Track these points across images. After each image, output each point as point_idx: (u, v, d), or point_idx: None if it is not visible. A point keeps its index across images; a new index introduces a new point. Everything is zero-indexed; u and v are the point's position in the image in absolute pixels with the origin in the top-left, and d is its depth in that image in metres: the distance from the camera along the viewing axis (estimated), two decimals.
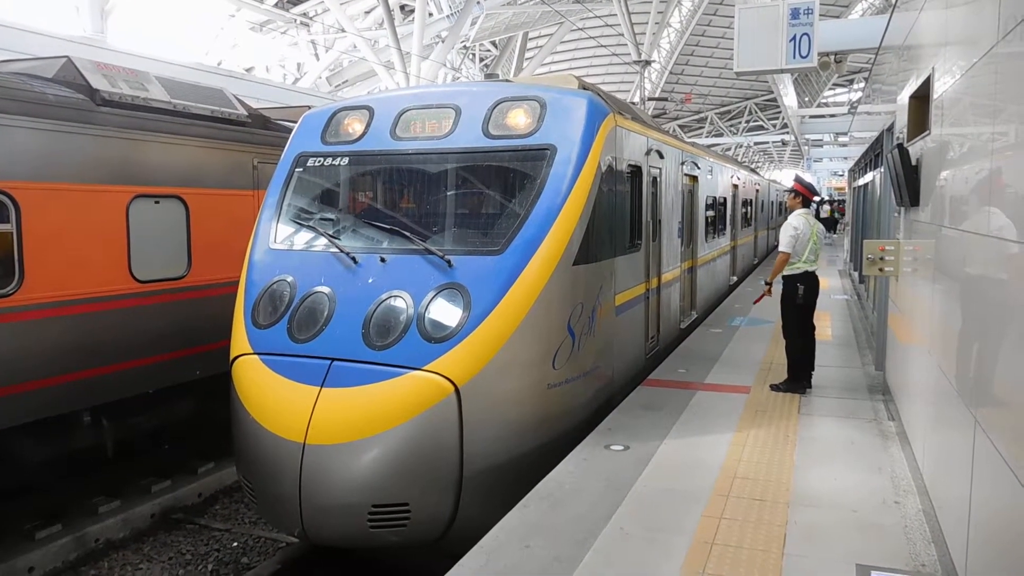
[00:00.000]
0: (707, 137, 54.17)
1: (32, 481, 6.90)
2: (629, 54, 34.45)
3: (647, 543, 4.32)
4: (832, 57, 9.70)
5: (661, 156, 8.74)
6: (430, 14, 25.89)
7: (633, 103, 28.26)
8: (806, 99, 43.53)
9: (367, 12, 30.51)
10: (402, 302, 5.38)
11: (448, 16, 26.99)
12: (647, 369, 8.33)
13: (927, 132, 5.05)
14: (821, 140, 33.05)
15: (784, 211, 29.84)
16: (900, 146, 5.83)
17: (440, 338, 5.12)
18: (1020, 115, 2.74)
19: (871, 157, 12.84)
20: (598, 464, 5.56)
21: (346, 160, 6.48)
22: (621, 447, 5.92)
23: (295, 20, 29.70)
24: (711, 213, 13.31)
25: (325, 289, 5.67)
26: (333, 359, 5.21)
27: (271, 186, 6.63)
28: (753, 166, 44.64)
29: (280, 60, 32.75)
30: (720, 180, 14.32)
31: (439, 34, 27.72)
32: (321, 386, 5.05)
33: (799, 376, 7.70)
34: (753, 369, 8.56)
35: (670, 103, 40.63)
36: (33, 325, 6.18)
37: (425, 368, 4.99)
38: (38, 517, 6.67)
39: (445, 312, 5.27)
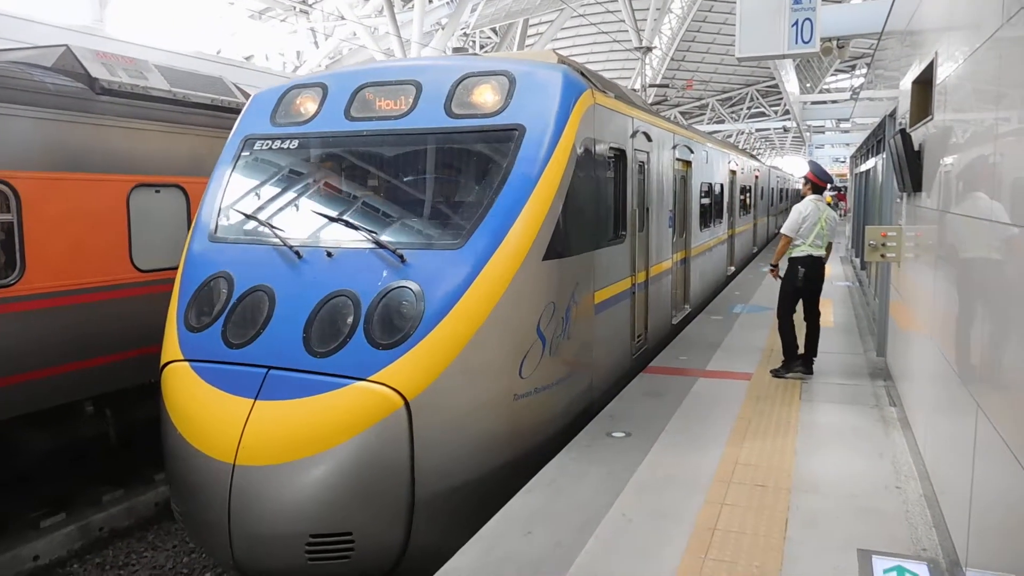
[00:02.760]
0: (708, 124, 53.99)
1: (36, 470, 6.93)
2: (630, 41, 34.29)
3: (649, 529, 4.34)
4: (834, 42, 9.65)
5: (649, 139, 8.18)
6: (430, 1, 25.74)
7: (634, 90, 28.11)
8: (808, 85, 43.32)
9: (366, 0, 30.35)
10: (348, 302, 4.84)
11: (448, 3, 26.83)
12: (634, 371, 7.78)
13: (930, 117, 5.03)
14: (823, 126, 32.99)
15: (785, 198, 29.82)
16: (903, 132, 5.81)
17: (389, 344, 4.59)
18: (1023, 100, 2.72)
19: (873, 143, 12.79)
20: (600, 451, 5.57)
21: (295, 143, 5.96)
22: (623, 434, 5.93)
23: (294, 8, 29.55)
24: (706, 200, 12.68)
25: (265, 287, 5.12)
26: (270, 367, 4.69)
27: (215, 172, 6.13)
28: (753, 152, 44.48)
29: (279, 48, 32.62)
30: (716, 166, 13.65)
31: (439, 21, 27.56)
32: (255, 398, 4.53)
33: (791, 355, 7.77)
34: (754, 356, 8.57)
35: (672, 90, 40.47)
36: (35, 315, 6.19)
37: (370, 379, 4.46)
38: (43, 506, 6.71)
39: (395, 314, 4.74)
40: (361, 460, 4.35)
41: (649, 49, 33.16)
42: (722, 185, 14.36)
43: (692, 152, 11.03)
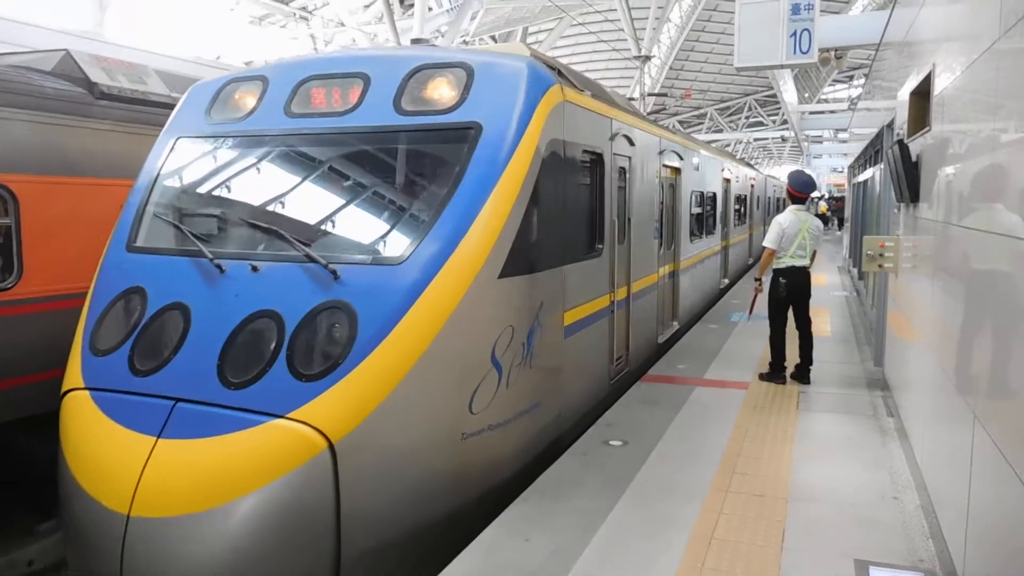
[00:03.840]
0: (707, 133, 54.13)
1: (31, 475, 6.90)
2: (629, 49, 34.39)
3: (646, 538, 4.33)
4: (832, 53, 9.72)
5: (631, 143, 7.51)
6: (430, 8, 25.83)
7: (632, 98, 28.15)
8: (806, 95, 43.49)
9: (366, 6, 30.44)
10: (270, 325, 4.26)
11: (448, 11, 26.94)
12: (612, 397, 7.14)
13: (927, 128, 5.05)
14: (821, 136, 33.10)
15: (781, 207, 29.88)
16: (900, 142, 5.83)
17: (313, 375, 4.01)
18: (1021, 111, 2.74)
19: (871, 153, 12.83)
20: (597, 459, 5.57)
21: (228, 143, 5.40)
22: (620, 442, 5.92)
23: (294, 14, 29.65)
24: (698, 210, 12.02)
25: (181, 305, 4.57)
26: (178, 400, 4.11)
27: (141, 175, 5.58)
28: (750, 160, 44.56)
29: (279, 54, 32.73)
30: (709, 173, 12.96)
31: (439, 29, 27.65)
32: (157, 436, 3.95)
33: (777, 366, 7.87)
34: (751, 365, 8.57)
35: (670, 99, 40.56)
36: (33, 318, 6.18)
37: (289, 416, 3.86)
38: (38, 511, 6.67)
39: (322, 340, 4.21)
40: (276, 513, 3.73)
41: (648, 58, 33.26)
42: (715, 194, 13.77)
43: (682, 158, 10.37)
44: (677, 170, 10.20)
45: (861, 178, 14.84)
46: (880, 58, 9.85)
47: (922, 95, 5.34)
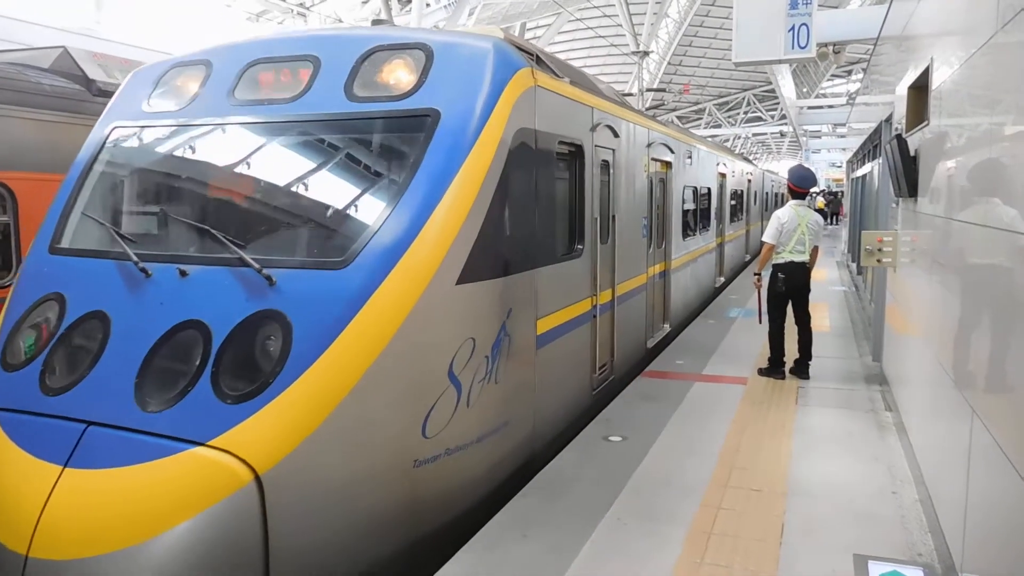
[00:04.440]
0: (705, 128, 54.12)
1: None
2: (627, 45, 34.35)
3: (645, 533, 4.33)
4: (831, 48, 9.71)
5: (615, 134, 7.05)
6: (427, 4, 25.80)
7: (630, 94, 28.08)
8: (804, 90, 43.43)
9: (364, 2, 30.39)
10: (196, 338, 3.84)
11: (446, 6, 26.91)
12: (596, 408, 6.70)
13: (925, 123, 5.04)
14: (819, 131, 33.06)
15: (780, 202, 29.84)
16: (898, 137, 5.82)
17: (241, 395, 3.59)
18: (1019, 105, 2.73)
19: (869, 148, 12.84)
20: (596, 454, 5.57)
21: (166, 133, 4.95)
22: (619, 438, 5.93)
23: (292, 10, 29.58)
24: (690, 206, 11.51)
25: (101, 314, 4.12)
26: (90, 423, 3.64)
27: (72, 168, 5.13)
28: (748, 155, 44.50)
29: None
30: (702, 168, 12.38)
31: (436, 25, 27.62)
32: (64, 465, 3.48)
33: (776, 361, 7.88)
34: (751, 360, 8.57)
35: (668, 94, 40.55)
36: None
37: (211, 443, 3.43)
38: None
39: (252, 355, 3.76)
40: (191, 556, 3.27)
41: (646, 53, 33.22)
42: (709, 189, 13.19)
43: (672, 152, 9.87)
44: (668, 164, 9.74)
45: (860, 173, 14.85)
46: (878, 53, 9.84)
47: (920, 89, 5.34)
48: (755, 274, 8.22)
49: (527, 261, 5.02)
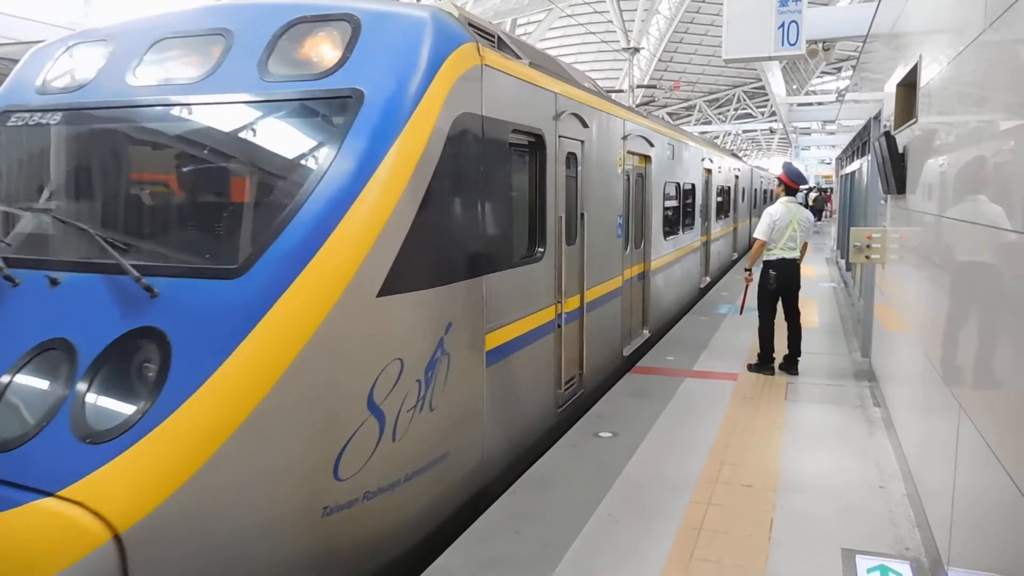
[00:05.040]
0: (696, 124, 54.18)
1: None
2: (618, 41, 34.35)
3: (636, 529, 4.35)
4: (820, 45, 9.75)
5: (584, 124, 6.47)
6: (418, 0, 25.69)
7: (621, 90, 28.00)
8: (794, 87, 43.56)
9: None
10: (60, 361, 3.28)
11: (436, 1, 26.80)
12: (563, 426, 6.14)
13: (914, 120, 5.07)
14: (809, 128, 33.15)
15: (768, 199, 29.89)
16: (887, 134, 5.85)
17: (103, 435, 2.99)
18: (1006, 103, 2.75)
19: (858, 145, 12.89)
20: (587, 451, 5.58)
21: (55, 119, 4.32)
22: (610, 434, 5.94)
23: None
24: (673, 203, 10.91)
25: None
26: None
27: None
28: (737, 151, 44.52)
29: None
30: (686, 163, 11.78)
31: None
32: None
33: (765, 357, 7.92)
34: (741, 356, 8.61)
35: (659, 91, 40.56)
36: None
37: (61, 494, 2.81)
38: None
39: (121, 383, 3.19)
40: None
41: (637, 50, 33.22)
42: (694, 185, 12.57)
43: (652, 145, 9.24)
44: (646, 158, 9.16)
45: (848, 169, 14.91)
46: (867, 50, 9.88)
47: (909, 87, 5.36)
48: (746, 269, 8.26)
49: (472, 267, 4.45)
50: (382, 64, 3.88)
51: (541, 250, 5.59)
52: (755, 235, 7.88)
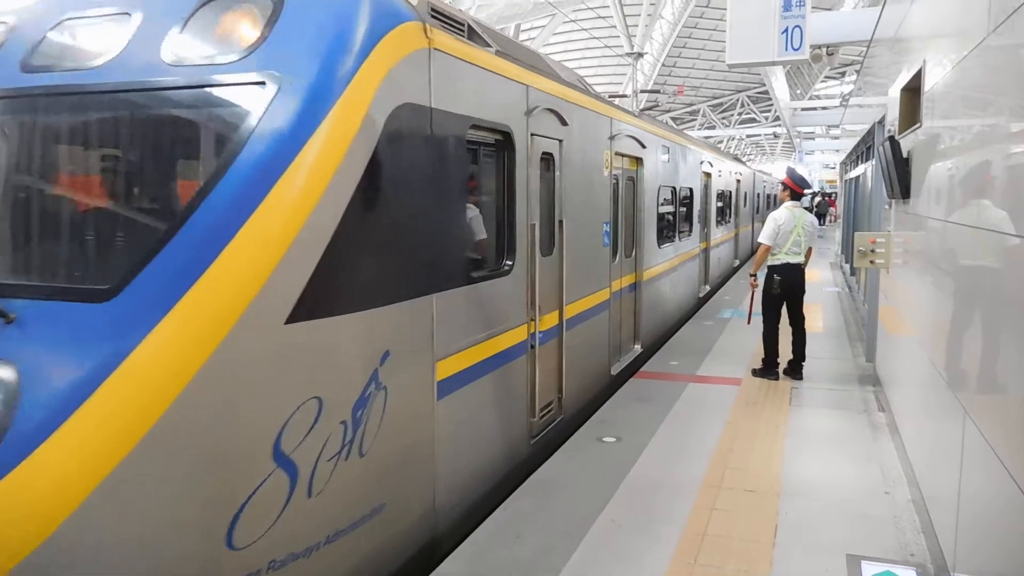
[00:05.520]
0: (700, 129, 54.20)
1: None
2: (622, 46, 34.40)
3: (639, 534, 4.34)
4: (824, 49, 9.75)
5: (563, 121, 5.90)
6: None
7: (624, 95, 27.95)
8: (798, 92, 43.56)
9: None
10: None
11: None
12: (538, 458, 5.59)
13: (918, 124, 5.06)
14: (813, 133, 33.16)
15: (772, 204, 29.83)
16: (891, 138, 5.84)
17: None
18: (1011, 107, 2.75)
19: (862, 150, 12.88)
20: (590, 456, 5.57)
21: None
22: (613, 439, 5.93)
23: None
24: (668, 208, 10.36)
25: None
26: None
27: None
28: (740, 155, 44.49)
29: None
30: (683, 165, 11.20)
31: None
32: None
33: (770, 362, 7.91)
34: (744, 361, 8.59)
35: (663, 95, 40.60)
36: None
37: None
38: None
39: None
40: None
41: (640, 55, 33.26)
42: (691, 190, 12.05)
43: (644, 146, 8.61)
44: (638, 160, 8.58)
45: (853, 174, 14.89)
46: (871, 55, 9.88)
47: (913, 91, 5.35)
48: (751, 275, 8.25)
49: (417, 284, 3.86)
50: (303, 45, 3.32)
51: (509, 263, 5.01)
52: (759, 240, 7.88)
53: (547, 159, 5.73)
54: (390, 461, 3.70)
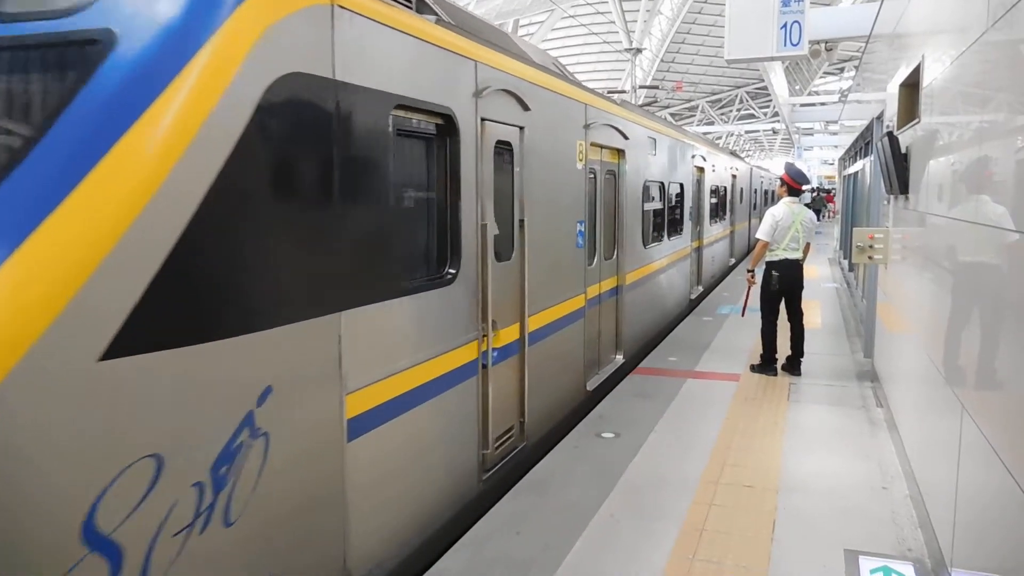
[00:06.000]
0: (698, 125, 54.19)
1: None
2: (620, 42, 34.37)
3: (637, 530, 4.34)
4: (823, 45, 9.75)
5: (524, 105, 5.16)
6: None
7: (623, 91, 27.91)
8: (796, 87, 43.55)
9: None
10: None
11: None
12: (490, 497, 4.85)
13: (916, 120, 5.06)
14: (811, 129, 33.19)
15: (770, 200, 29.75)
16: (890, 134, 5.84)
17: None
18: (1009, 103, 2.74)
19: (861, 145, 12.87)
20: (589, 452, 5.58)
21: None
22: (612, 435, 5.94)
23: None
24: (656, 205, 9.62)
25: None
26: None
27: None
28: (738, 151, 44.40)
29: None
30: (671, 159, 10.45)
31: None
32: None
33: (768, 358, 7.91)
34: (743, 357, 8.60)
35: (661, 91, 40.56)
36: None
37: None
38: None
39: None
40: None
41: (639, 50, 33.23)
42: (682, 185, 11.35)
43: (626, 137, 7.89)
44: (619, 152, 7.86)
45: (851, 170, 14.89)
46: (870, 50, 9.87)
47: (911, 87, 5.35)
48: (748, 270, 8.26)
49: (317, 300, 3.12)
50: None
51: (452, 271, 4.25)
52: (757, 235, 7.88)
53: (504, 149, 4.96)
54: (275, 527, 2.94)
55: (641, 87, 33.96)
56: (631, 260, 8.34)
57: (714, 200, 15.16)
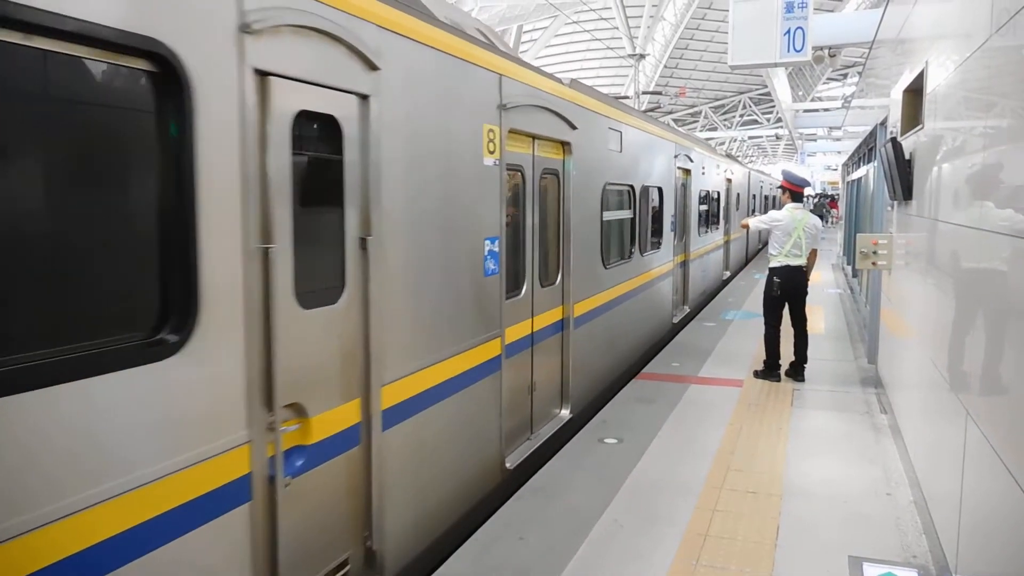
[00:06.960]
0: (702, 131, 54.22)
1: None
2: (624, 48, 34.42)
3: (640, 535, 4.34)
4: (826, 51, 9.76)
5: (369, 64, 3.40)
6: None
7: (627, 97, 27.89)
8: (800, 93, 43.56)
9: None
10: None
11: None
12: None
13: (920, 126, 5.06)
14: (815, 134, 33.18)
15: (772, 207, 29.62)
16: (893, 140, 5.84)
17: None
18: (1013, 109, 2.75)
19: (865, 151, 12.87)
20: (592, 457, 5.57)
21: None
22: (615, 440, 5.93)
23: None
24: (621, 215, 7.98)
25: None
26: None
27: None
28: (738, 155, 44.34)
29: None
30: (645, 159, 8.77)
31: None
32: None
33: (771, 364, 7.92)
34: (746, 362, 8.59)
35: (665, 97, 40.57)
36: None
37: None
38: None
39: None
40: None
41: (642, 56, 33.26)
42: (661, 190, 9.67)
43: (574, 127, 6.09)
44: (564, 146, 6.10)
45: (855, 176, 14.88)
46: (873, 56, 9.87)
47: (915, 93, 5.35)
48: (743, 224, 8.57)
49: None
50: None
51: (174, 336, 2.45)
52: (750, 221, 8.12)
53: (320, 126, 3.26)
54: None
55: (644, 93, 33.99)
56: (583, 285, 6.57)
57: (704, 207, 13.42)
